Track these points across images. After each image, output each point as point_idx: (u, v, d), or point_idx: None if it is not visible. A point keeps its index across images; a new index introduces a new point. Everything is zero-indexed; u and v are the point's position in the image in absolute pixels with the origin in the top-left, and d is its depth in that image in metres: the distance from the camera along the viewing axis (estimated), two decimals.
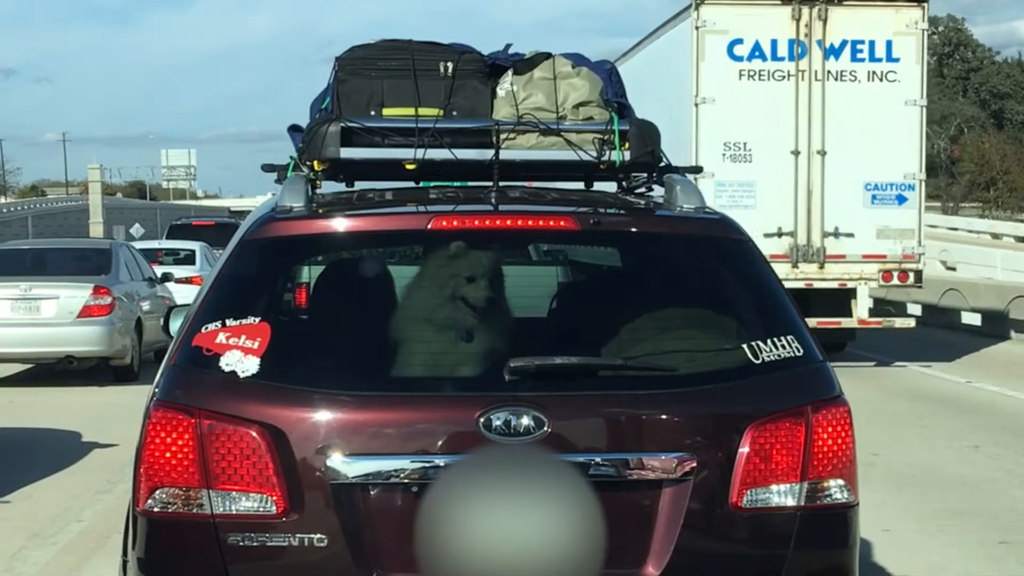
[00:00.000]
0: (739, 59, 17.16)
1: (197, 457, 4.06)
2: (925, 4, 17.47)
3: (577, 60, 5.43)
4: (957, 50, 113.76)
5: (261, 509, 4.05)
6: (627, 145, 5.09)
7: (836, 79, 17.20)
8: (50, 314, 16.53)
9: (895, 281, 17.94)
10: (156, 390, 4.24)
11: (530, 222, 4.60)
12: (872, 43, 17.10)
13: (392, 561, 4.06)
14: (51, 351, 16.74)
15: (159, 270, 21.06)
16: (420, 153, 4.94)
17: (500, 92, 5.25)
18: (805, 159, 17.29)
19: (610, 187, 5.43)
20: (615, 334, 4.40)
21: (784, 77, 17.21)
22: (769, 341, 4.31)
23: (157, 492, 4.10)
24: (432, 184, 5.46)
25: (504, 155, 4.93)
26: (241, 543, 4.06)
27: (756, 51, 17.14)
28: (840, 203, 17.61)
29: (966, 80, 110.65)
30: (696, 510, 4.11)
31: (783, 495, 4.19)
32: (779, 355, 4.29)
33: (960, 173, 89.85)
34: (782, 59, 17.15)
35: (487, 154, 4.94)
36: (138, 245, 25.76)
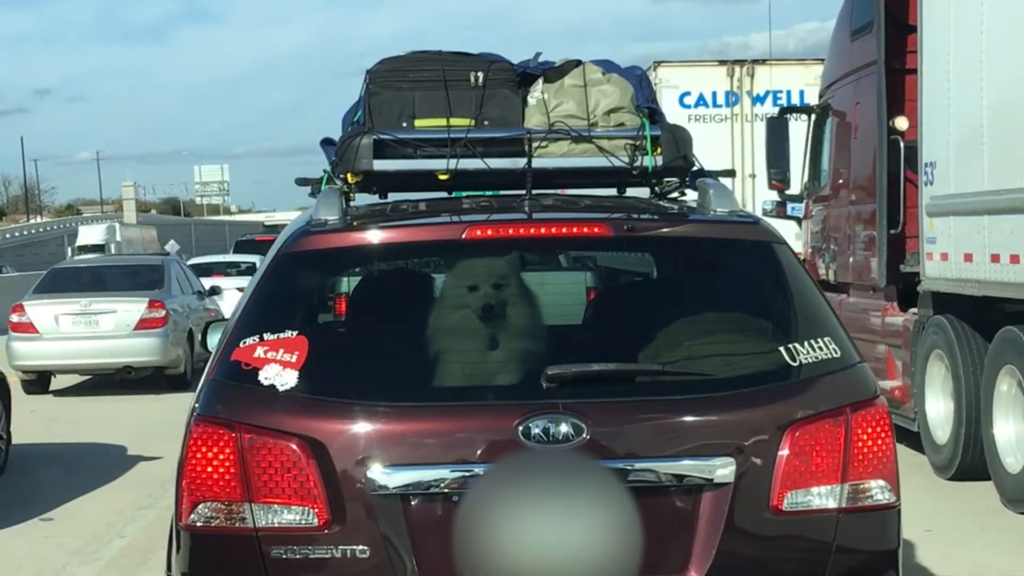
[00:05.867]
0: (688, 107, 21.68)
1: (238, 471, 4.08)
2: None
3: (607, 67, 5.44)
4: None
5: (303, 522, 4.07)
6: (659, 150, 5.09)
7: (761, 120, 21.38)
8: (108, 327, 17.63)
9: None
10: (196, 405, 4.27)
11: (564, 229, 4.60)
12: (788, 92, 21.69)
13: (435, 571, 4.06)
14: (110, 362, 17.79)
15: (219, 282, 22.92)
16: (453, 163, 4.96)
17: (531, 100, 5.26)
18: (740, 181, 21.11)
19: (643, 193, 5.43)
20: (651, 339, 4.39)
21: (723, 120, 21.90)
22: (806, 343, 4.30)
23: (200, 507, 4.12)
24: (465, 194, 5.47)
25: (536, 163, 4.93)
26: (284, 556, 4.07)
27: (700, 100, 21.92)
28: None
29: None
30: (737, 514, 4.10)
31: (824, 497, 4.18)
32: (817, 357, 4.28)
33: None
34: (720, 106, 21.99)
35: (519, 163, 4.94)
36: (201, 260, 31.36)
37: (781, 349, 4.29)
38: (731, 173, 5.46)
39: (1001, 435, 9.57)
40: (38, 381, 18.28)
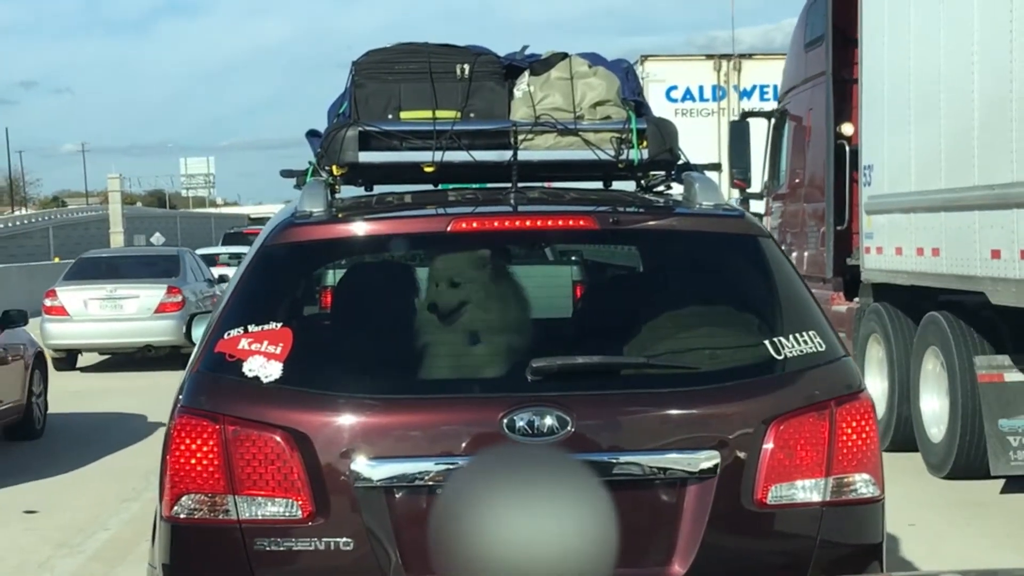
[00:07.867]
0: (675, 100, 22.09)
1: (222, 463, 4.07)
2: None
3: (593, 60, 5.43)
4: None
5: (287, 514, 4.06)
6: (645, 143, 5.09)
7: None
8: (132, 311, 19.67)
9: None
10: (180, 397, 4.25)
11: (549, 222, 4.60)
12: (775, 86, 21.01)
13: (418, 563, 4.06)
14: (133, 342, 19.89)
15: (224, 271, 25.32)
16: (438, 156, 4.95)
17: (517, 93, 5.25)
18: (726, 174, 22.59)
19: (629, 186, 5.43)
20: (636, 333, 4.40)
21: (710, 114, 22.22)
22: (791, 337, 4.30)
23: (183, 499, 4.11)
24: (451, 186, 5.46)
25: (522, 156, 4.93)
26: (267, 548, 4.06)
27: (687, 95, 22.29)
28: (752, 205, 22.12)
29: None
30: (721, 507, 4.10)
31: (808, 491, 4.18)
32: (801, 350, 4.28)
33: None
34: (707, 100, 22.37)
35: (505, 155, 4.94)
36: (206, 251, 34.85)
37: (766, 342, 4.29)
38: (717, 167, 5.47)
39: (926, 409, 10.59)
40: (67, 359, 20.25)
